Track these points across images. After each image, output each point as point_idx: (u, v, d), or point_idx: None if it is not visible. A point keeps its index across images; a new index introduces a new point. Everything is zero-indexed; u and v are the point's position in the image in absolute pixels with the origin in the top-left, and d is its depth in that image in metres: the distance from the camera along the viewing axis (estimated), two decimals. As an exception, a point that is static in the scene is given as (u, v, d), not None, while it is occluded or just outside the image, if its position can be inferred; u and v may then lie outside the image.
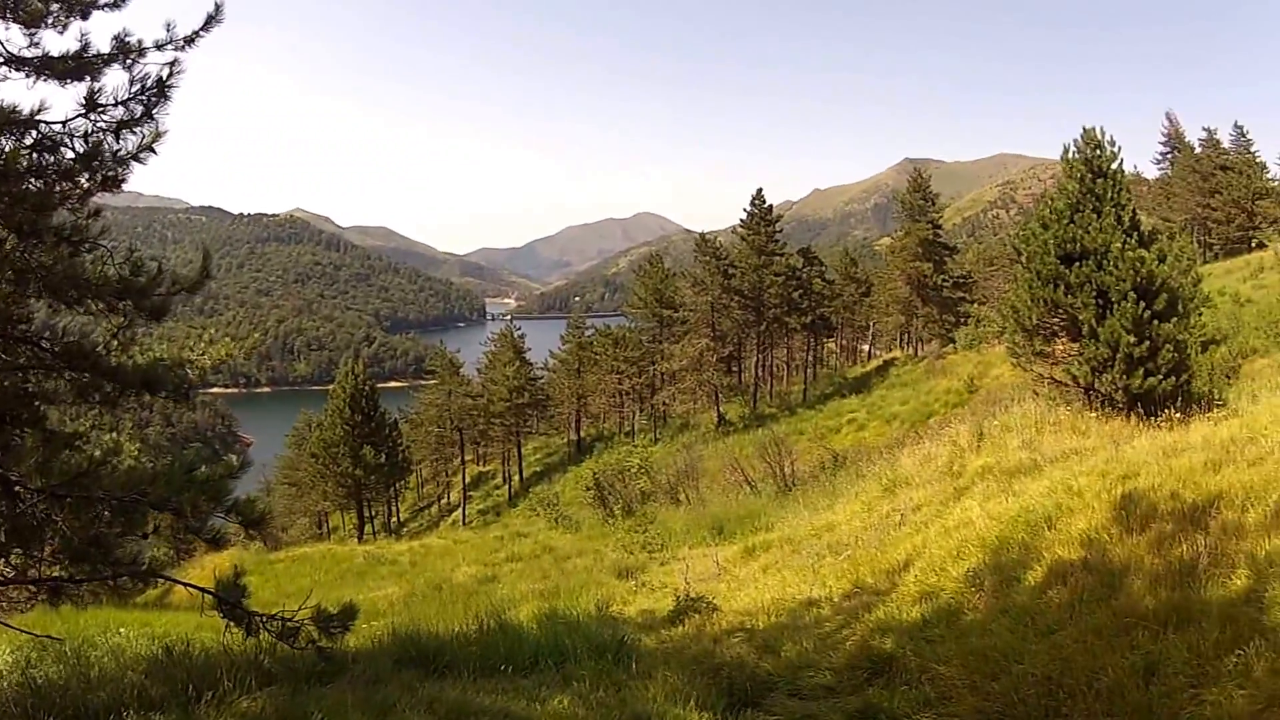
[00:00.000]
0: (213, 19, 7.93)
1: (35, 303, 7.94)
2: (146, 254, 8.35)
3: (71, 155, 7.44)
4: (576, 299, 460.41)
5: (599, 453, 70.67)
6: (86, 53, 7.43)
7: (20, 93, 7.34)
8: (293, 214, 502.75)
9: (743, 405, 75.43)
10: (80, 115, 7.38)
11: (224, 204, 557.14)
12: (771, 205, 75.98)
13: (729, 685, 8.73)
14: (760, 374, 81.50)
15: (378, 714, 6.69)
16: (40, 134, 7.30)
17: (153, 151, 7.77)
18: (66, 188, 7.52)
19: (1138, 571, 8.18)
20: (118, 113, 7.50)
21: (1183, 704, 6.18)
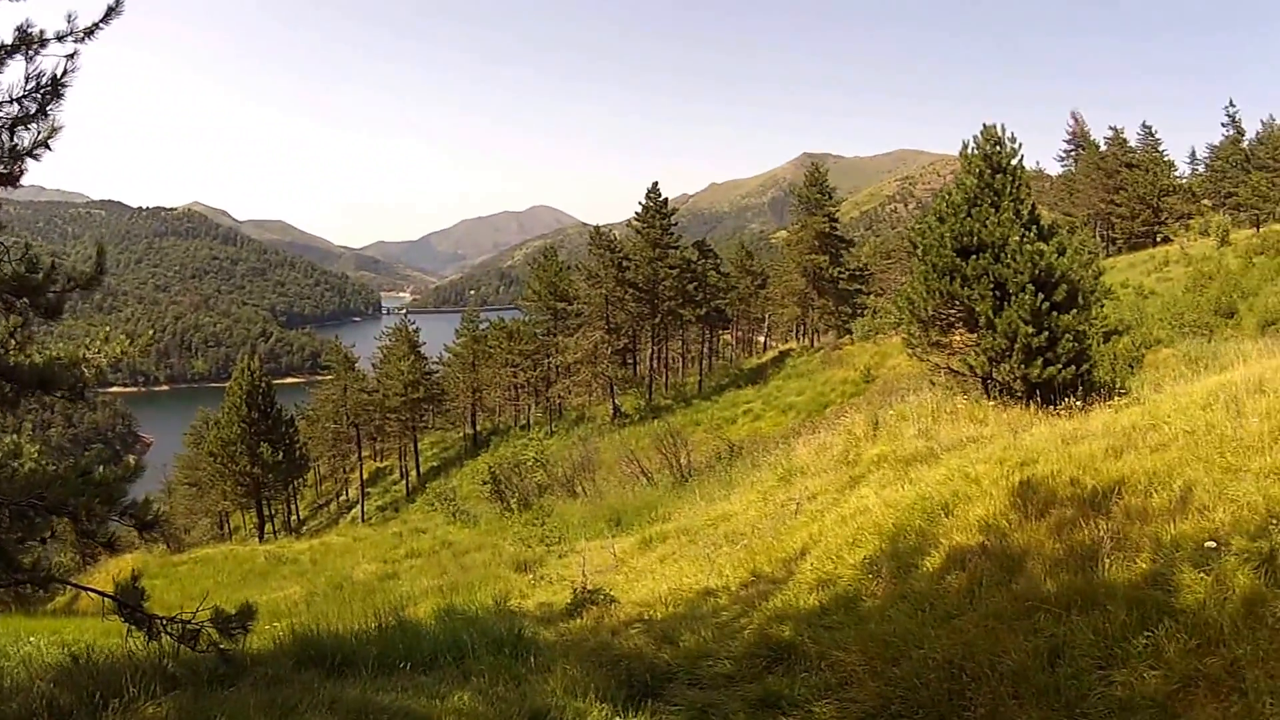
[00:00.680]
0: (113, 10, 7.76)
1: None
2: (48, 250, 8.18)
3: None
4: (472, 292, 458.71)
5: (495, 446, 70.49)
6: None
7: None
8: (191, 207, 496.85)
9: (638, 397, 75.45)
10: None
11: (124, 197, 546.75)
12: (667, 198, 76.01)
13: (628, 676, 8.68)
14: (655, 366, 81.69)
15: (280, 716, 6.61)
16: None
17: (48, 148, 7.63)
18: None
19: (1038, 556, 8.25)
20: (12, 109, 7.37)
21: (1091, 685, 6.21)
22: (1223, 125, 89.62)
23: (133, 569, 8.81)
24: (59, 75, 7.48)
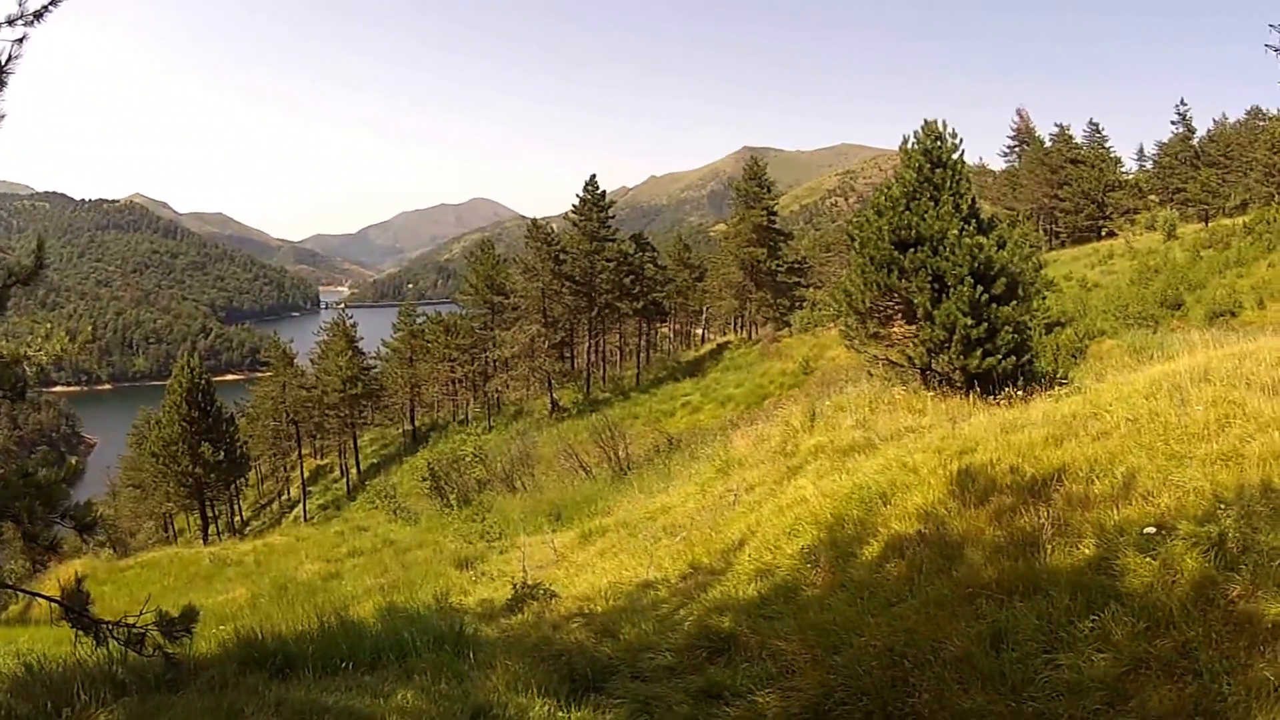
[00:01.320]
0: (64, -11, 7.61)
1: None
2: None
3: None
4: (410, 286, 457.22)
5: (434, 442, 70.25)
6: None
7: None
8: (132, 199, 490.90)
9: (576, 391, 75.53)
10: None
11: (67, 189, 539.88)
12: (605, 191, 76.14)
13: (570, 670, 8.65)
14: (593, 359, 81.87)
15: (226, 719, 6.57)
16: None
17: None
18: None
19: (978, 543, 8.27)
20: None
21: (1037, 669, 6.23)
22: (1173, 123, 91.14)
23: (76, 573, 8.71)
24: (2, 62, 7.32)
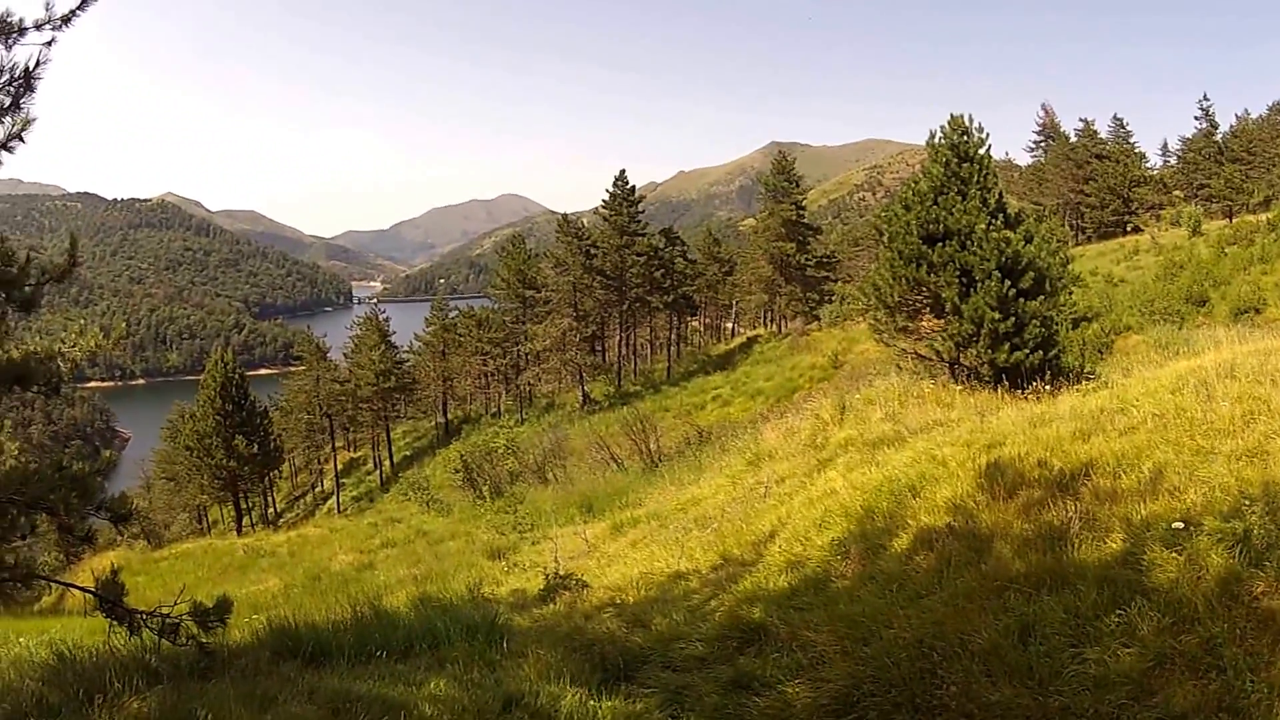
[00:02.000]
0: (89, -2, 7.68)
1: None
2: (25, 242, 8.13)
3: None
4: (441, 281, 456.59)
5: (467, 435, 70.28)
6: None
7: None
8: (164, 198, 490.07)
9: (607, 384, 75.48)
10: None
11: (99, 189, 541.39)
12: (634, 186, 76.10)
13: (601, 660, 8.68)
14: (624, 353, 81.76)
15: (260, 707, 6.60)
16: None
17: (21, 140, 7.54)
18: None
19: (1007, 536, 8.25)
20: None
21: (1064, 662, 6.21)
22: (1195, 119, 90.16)
23: (112, 563, 8.73)
24: (31, 67, 7.39)
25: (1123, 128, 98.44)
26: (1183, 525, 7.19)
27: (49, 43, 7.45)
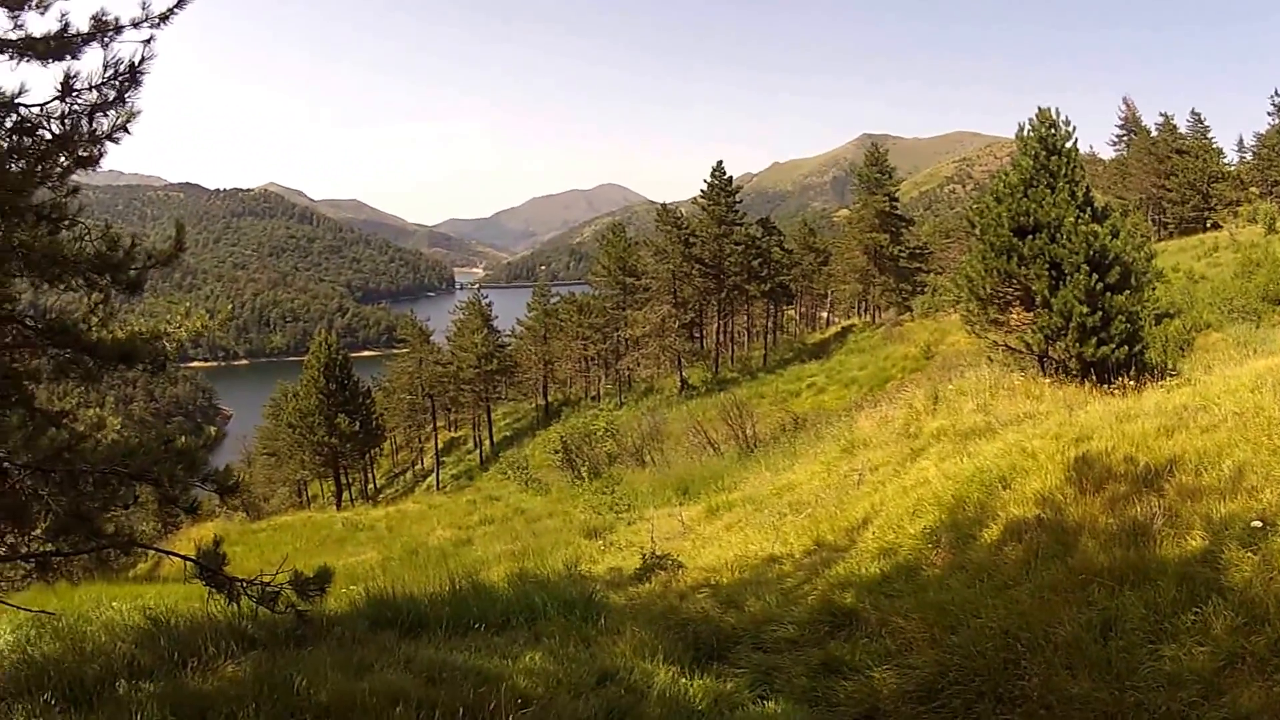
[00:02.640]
0: (187, -5, 7.78)
1: (20, 282, 7.83)
2: (126, 231, 8.24)
3: (49, 137, 7.33)
4: (542, 268, 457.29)
5: (566, 417, 70.31)
6: (67, 32, 7.31)
7: (2, 74, 7.25)
8: (266, 188, 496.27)
9: (705, 370, 75.30)
10: (56, 99, 7.25)
11: (201, 180, 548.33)
12: (731, 177, 75.67)
13: (695, 639, 8.76)
14: (721, 340, 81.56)
15: (355, 674, 6.64)
16: (20, 117, 7.19)
17: (126, 132, 7.66)
18: (46, 167, 7.42)
19: (1092, 531, 8.20)
20: (92, 96, 7.38)
21: (1141, 659, 6.18)
22: (1269, 114, 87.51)
23: (214, 534, 8.89)
24: (136, 63, 7.51)
25: (1200, 122, 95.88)
26: (1261, 525, 7.10)
27: (147, 40, 7.57)
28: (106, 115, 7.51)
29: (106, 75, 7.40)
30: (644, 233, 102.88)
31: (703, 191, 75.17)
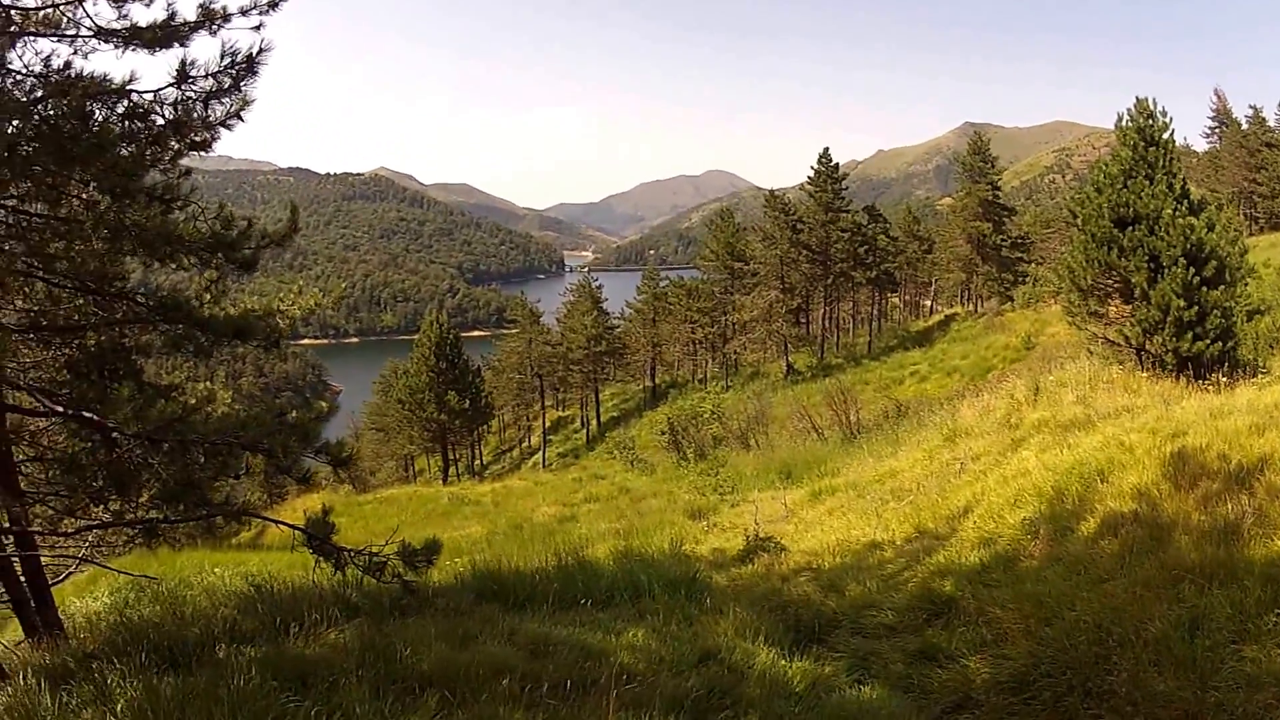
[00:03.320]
0: (295, -18, 7.84)
1: (131, 261, 8.05)
2: (238, 214, 8.42)
3: (161, 121, 7.45)
4: (651, 252, 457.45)
5: (673, 399, 70.15)
6: (173, 21, 7.41)
7: (109, 63, 7.40)
8: (377, 173, 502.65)
9: (810, 355, 75.07)
10: (170, 85, 7.36)
11: (311, 165, 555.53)
12: (838, 164, 75.21)
13: (795, 622, 8.83)
14: (827, 326, 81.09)
15: (459, 644, 6.70)
16: (131, 103, 7.29)
17: (240, 119, 7.82)
18: (156, 152, 7.56)
19: (1185, 527, 8.12)
20: (207, 84, 7.50)
21: (1224, 658, 6.11)
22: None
23: (323, 504, 9.04)
24: (254, 54, 7.61)
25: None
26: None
27: (256, 27, 7.69)
28: (221, 102, 7.64)
29: (223, 64, 7.52)
30: (751, 218, 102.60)
31: (809, 178, 74.88)
